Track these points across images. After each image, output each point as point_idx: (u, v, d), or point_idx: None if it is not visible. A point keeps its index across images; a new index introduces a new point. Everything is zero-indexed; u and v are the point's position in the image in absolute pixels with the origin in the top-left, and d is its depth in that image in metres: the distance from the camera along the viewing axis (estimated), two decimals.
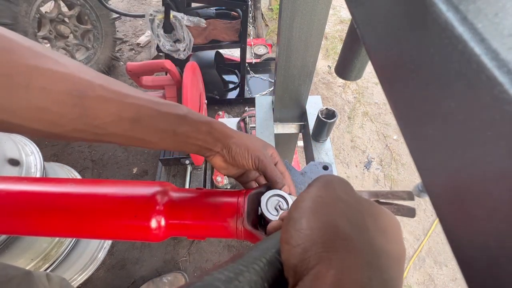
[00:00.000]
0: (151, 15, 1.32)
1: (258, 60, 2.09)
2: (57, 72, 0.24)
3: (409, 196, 0.35)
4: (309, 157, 0.79)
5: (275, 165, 0.39)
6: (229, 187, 1.38)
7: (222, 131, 0.36)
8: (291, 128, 0.88)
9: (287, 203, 0.35)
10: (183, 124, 0.33)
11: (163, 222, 0.34)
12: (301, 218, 0.17)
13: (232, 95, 1.90)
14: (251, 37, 2.17)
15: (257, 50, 2.20)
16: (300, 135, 0.91)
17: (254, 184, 0.43)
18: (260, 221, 0.37)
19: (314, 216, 0.17)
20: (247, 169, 0.38)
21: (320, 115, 0.70)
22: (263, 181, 0.43)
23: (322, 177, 0.20)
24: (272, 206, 0.34)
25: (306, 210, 0.17)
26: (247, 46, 1.73)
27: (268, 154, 0.38)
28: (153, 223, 0.33)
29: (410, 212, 0.34)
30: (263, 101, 0.88)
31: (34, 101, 0.23)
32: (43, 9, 1.64)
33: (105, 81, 0.28)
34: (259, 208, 0.35)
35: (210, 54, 1.66)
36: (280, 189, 0.36)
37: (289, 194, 0.36)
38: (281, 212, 0.34)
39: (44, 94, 0.23)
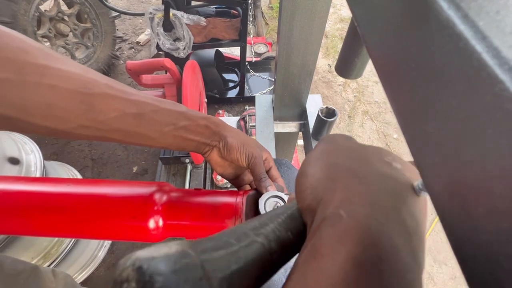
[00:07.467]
0: (150, 13, 1.32)
1: (258, 59, 2.09)
2: (66, 71, 0.26)
3: None
4: None
5: (269, 169, 0.40)
6: (228, 186, 1.38)
7: (219, 124, 0.38)
8: (291, 127, 0.88)
9: None
10: (183, 119, 0.34)
11: (161, 223, 0.34)
12: (307, 167, 0.19)
13: (232, 93, 1.90)
14: (251, 36, 2.16)
15: (257, 48, 2.19)
16: (300, 133, 0.91)
17: (249, 188, 0.43)
18: None
19: (318, 162, 0.18)
20: (241, 166, 0.39)
21: (320, 114, 0.70)
22: None
23: (325, 136, 0.22)
24: (270, 207, 0.34)
25: (311, 160, 0.19)
26: (247, 44, 1.73)
27: (262, 154, 0.39)
28: (151, 224, 0.33)
29: None
30: (263, 100, 0.87)
31: (43, 98, 0.25)
32: (43, 7, 1.64)
33: (109, 81, 0.30)
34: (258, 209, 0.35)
35: (210, 52, 1.66)
36: (263, 190, 0.36)
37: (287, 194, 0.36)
38: None
39: (53, 91, 0.25)
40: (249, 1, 1.48)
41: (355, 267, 0.12)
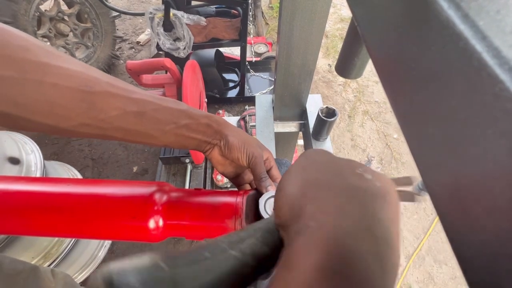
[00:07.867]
0: (151, 13, 1.32)
1: (258, 59, 2.09)
2: (67, 69, 0.26)
3: (408, 181, 0.37)
4: None
5: (270, 169, 0.40)
6: (229, 186, 1.38)
7: (221, 123, 0.38)
8: (291, 126, 0.88)
9: None
10: (185, 117, 0.34)
11: (161, 223, 0.34)
12: (284, 184, 0.19)
13: (232, 93, 1.90)
14: (251, 36, 2.16)
15: (257, 48, 2.19)
16: (300, 133, 0.91)
17: (248, 187, 0.43)
18: None
19: (294, 179, 0.19)
20: (241, 165, 0.39)
21: (320, 113, 0.70)
22: None
23: (303, 152, 0.22)
24: (270, 207, 0.34)
25: (288, 176, 0.20)
26: (247, 44, 1.72)
27: (262, 154, 0.39)
28: (151, 224, 0.33)
29: (410, 197, 0.36)
30: (263, 100, 0.87)
31: (45, 96, 0.25)
32: (43, 7, 1.63)
33: (111, 79, 0.30)
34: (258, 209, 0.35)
35: (210, 52, 1.66)
36: (264, 190, 0.36)
37: None
38: None
39: (55, 89, 0.25)
40: (249, 1, 1.47)
41: (322, 275, 0.12)
